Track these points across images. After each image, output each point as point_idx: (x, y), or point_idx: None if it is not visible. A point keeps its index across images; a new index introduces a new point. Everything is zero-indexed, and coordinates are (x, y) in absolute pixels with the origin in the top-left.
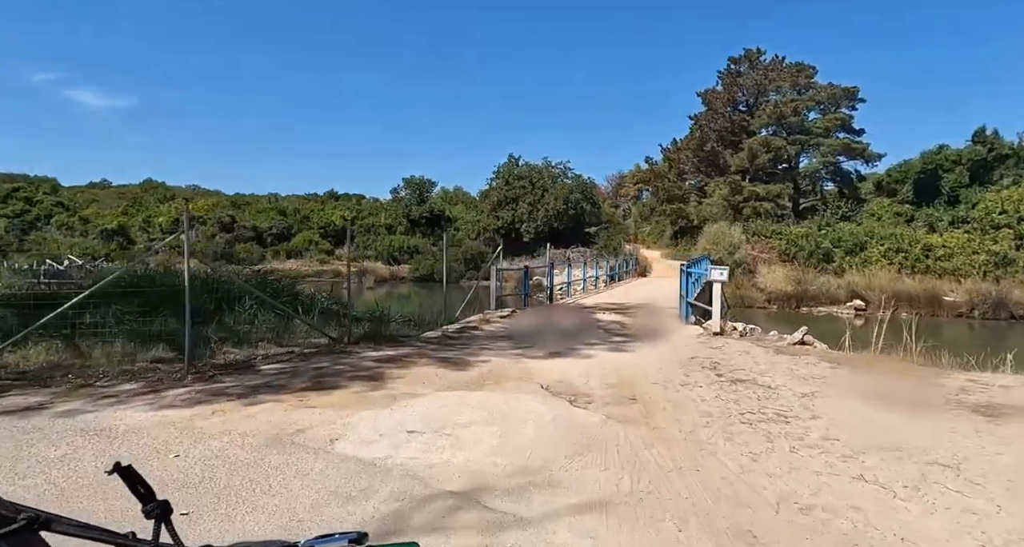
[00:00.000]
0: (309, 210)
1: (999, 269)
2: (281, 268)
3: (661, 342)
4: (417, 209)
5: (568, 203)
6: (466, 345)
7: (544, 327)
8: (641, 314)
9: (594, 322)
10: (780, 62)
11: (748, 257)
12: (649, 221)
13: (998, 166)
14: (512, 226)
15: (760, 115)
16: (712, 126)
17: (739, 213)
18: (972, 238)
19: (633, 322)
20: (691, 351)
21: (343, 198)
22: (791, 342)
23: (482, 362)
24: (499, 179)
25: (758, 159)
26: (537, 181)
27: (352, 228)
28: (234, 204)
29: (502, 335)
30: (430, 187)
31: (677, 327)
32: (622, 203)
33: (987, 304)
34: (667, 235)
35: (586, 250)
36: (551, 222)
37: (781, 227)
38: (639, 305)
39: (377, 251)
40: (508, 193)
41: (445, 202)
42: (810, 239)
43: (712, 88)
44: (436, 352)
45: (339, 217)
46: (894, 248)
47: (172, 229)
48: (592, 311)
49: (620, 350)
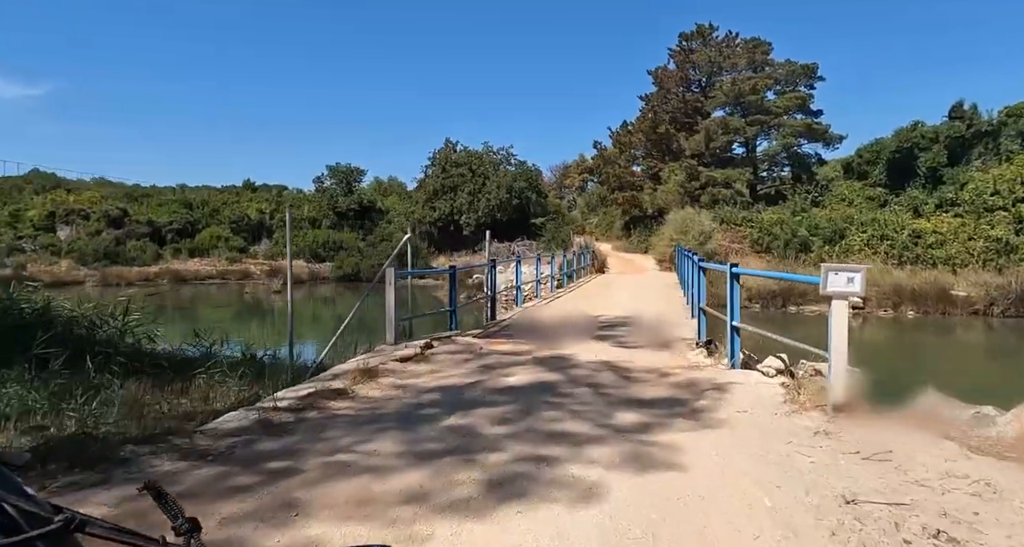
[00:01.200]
0: (220, 202)
1: (1001, 257)
2: (179, 269)
3: (724, 436)
4: (344, 200)
5: (512, 192)
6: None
7: (471, 397)
8: (641, 342)
9: (571, 377)
10: (733, 38)
11: (720, 248)
12: (597, 212)
13: (977, 144)
14: (450, 218)
15: (716, 95)
16: (664, 107)
17: (696, 201)
18: (966, 222)
19: (632, 361)
20: (814, 473)
21: (261, 189)
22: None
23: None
24: (435, 166)
25: (714, 142)
26: (477, 168)
27: (271, 222)
28: (130, 196)
29: (373, 430)
30: (358, 176)
31: (714, 382)
32: (567, 194)
33: (1008, 299)
34: (617, 226)
35: (533, 243)
36: (494, 213)
37: (751, 214)
38: (624, 321)
39: (299, 247)
40: (445, 181)
41: (378, 193)
42: (785, 227)
43: (663, 66)
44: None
45: (255, 210)
46: (878, 235)
47: (46, 225)
48: (560, 338)
49: (649, 466)
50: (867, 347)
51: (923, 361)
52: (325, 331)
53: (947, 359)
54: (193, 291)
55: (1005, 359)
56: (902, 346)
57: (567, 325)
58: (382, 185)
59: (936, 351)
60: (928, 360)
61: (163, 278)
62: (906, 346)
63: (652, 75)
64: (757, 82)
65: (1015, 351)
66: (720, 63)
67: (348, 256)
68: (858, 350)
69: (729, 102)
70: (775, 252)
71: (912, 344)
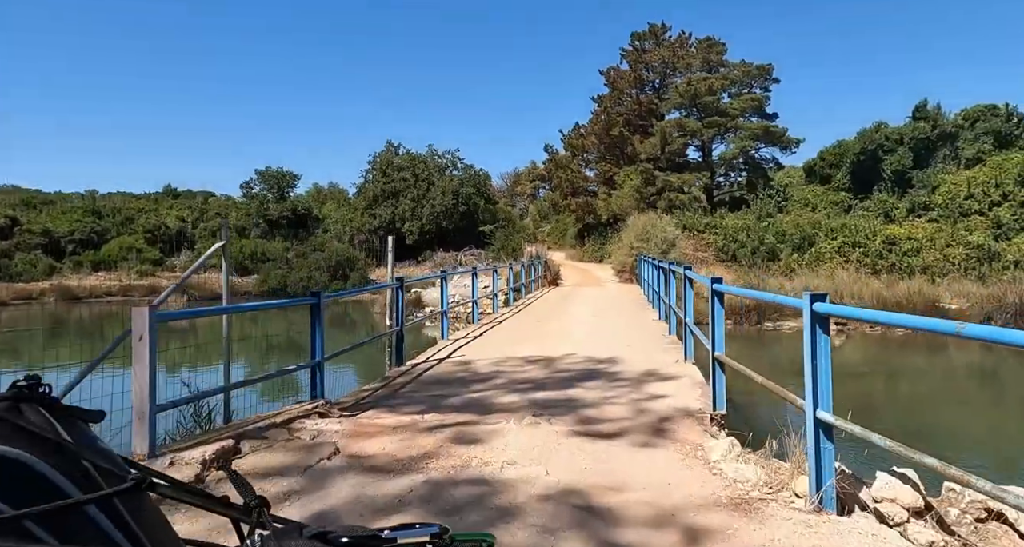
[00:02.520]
0: (135, 210)
1: (983, 265)
2: (72, 285)
3: None
4: (276, 207)
5: (458, 198)
6: None
7: None
8: (619, 420)
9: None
10: (687, 38)
11: (683, 256)
12: (549, 219)
13: (942, 146)
14: (392, 225)
15: (671, 96)
16: (618, 109)
17: (653, 206)
18: (941, 228)
19: (618, 490)
20: None
21: (185, 196)
22: None
23: None
24: (375, 170)
25: (670, 145)
26: (421, 172)
27: (192, 232)
28: (27, 203)
29: None
30: (292, 181)
31: None
32: (519, 202)
33: (1007, 313)
34: (571, 234)
35: (481, 252)
36: (439, 220)
37: (715, 219)
38: (588, 368)
39: (221, 259)
40: (386, 186)
41: (316, 200)
42: (752, 233)
43: (615, 66)
44: None
45: (176, 218)
46: (849, 242)
47: None
48: (485, 413)
49: None
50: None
51: (943, 414)
52: (214, 361)
53: (976, 406)
54: (88, 310)
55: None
56: (903, 379)
57: (502, 380)
58: (321, 191)
59: (948, 390)
60: (950, 412)
61: (50, 296)
62: (909, 379)
63: (604, 75)
64: (713, 82)
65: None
66: (674, 63)
67: (274, 268)
68: (853, 388)
69: (685, 103)
70: (742, 260)
71: (914, 374)
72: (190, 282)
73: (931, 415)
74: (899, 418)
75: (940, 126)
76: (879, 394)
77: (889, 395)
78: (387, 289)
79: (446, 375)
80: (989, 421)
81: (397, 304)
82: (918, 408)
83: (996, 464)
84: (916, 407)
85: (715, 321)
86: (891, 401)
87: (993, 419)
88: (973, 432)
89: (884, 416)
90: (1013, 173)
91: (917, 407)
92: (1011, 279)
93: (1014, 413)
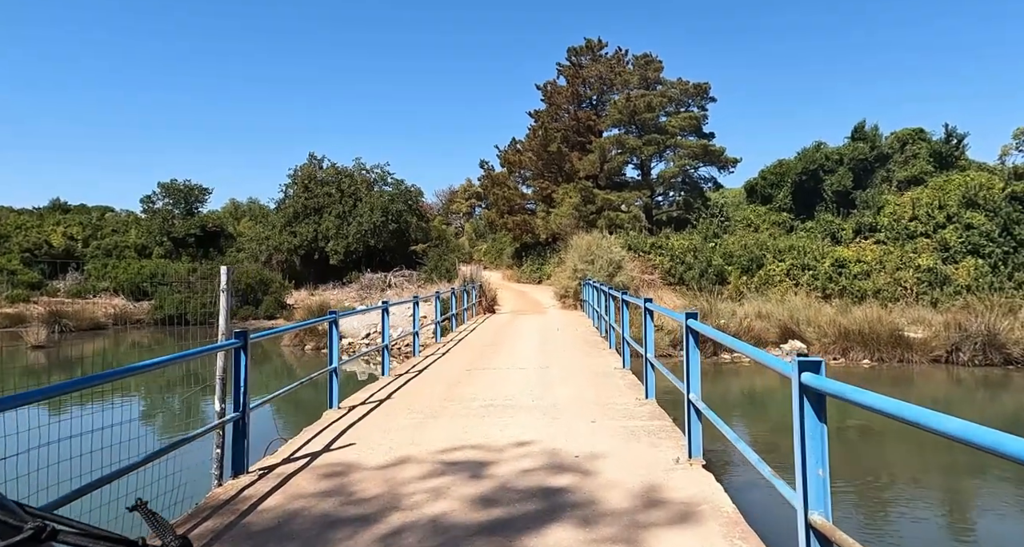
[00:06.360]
0: (12, 227)
1: (935, 289)
2: None
3: None
4: (183, 224)
5: (388, 215)
6: None
7: None
8: None
9: None
10: (624, 55)
11: (629, 280)
12: (486, 238)
13: (879, 167)
14: (314, 244)
15: (610, 112)
16: (555, 125)
17: (592, 225)
18: (889, 250)
19: None
20: None
21: (76, 211)
22: None
23: None
24: (297, 185)
25: (609, 163)
26: (348, 188)
27: (83, 251)
28: None
29: None
30: (201, 196)
31: None
32: (454, 220)
33: (976, 344)
34: (508, 253)
35: (413, 273)
36: (366, 239)
37: (660, 239)
38: (535, 487)
39: (117, 282)
40: (308, 202)
41: (231, 216)
42: (699, 255)
43: (552, 81)
44: None
45: (62, 236)
46: (798, 264)
47: None
48: None
49: None
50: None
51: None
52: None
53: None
54: None
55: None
56: (888, 434)
57: (397, 521)
58: (239, 207)
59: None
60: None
61: None
62: (886, 432)
63: (541, 90)
64: (651, 99)
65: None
66: (611, 79)
67: (172, 292)
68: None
69: (623, 120)
70: (690, 283)
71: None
72: (65, 310)
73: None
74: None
75: (877, 148)
76: (870, 456)
77: (879, 457)
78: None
79: (299, 512)
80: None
81: (237, 377)
82: (923, 477)
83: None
84: (919, 474)
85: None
86: (885, 466)
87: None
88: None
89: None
90: (956, 195)
91: (921, 474)
92: (964, 304)
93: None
